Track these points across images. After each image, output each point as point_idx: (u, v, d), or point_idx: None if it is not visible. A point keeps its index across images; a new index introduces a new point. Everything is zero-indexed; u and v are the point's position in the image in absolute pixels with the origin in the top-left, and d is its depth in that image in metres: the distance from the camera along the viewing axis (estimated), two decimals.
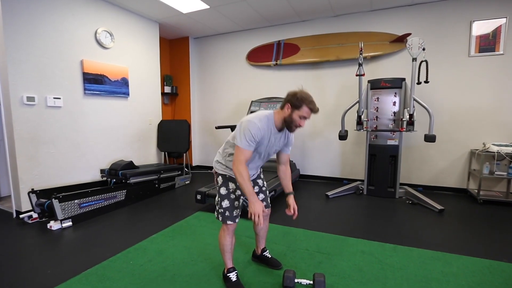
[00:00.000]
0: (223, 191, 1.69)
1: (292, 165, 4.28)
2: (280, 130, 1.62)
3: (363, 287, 1.78)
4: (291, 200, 1.77)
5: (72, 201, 2.79)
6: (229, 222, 1.66)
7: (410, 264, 2.05)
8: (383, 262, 2.08)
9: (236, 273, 1.75)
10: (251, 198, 1.48)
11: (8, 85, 2.80)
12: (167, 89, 5.33)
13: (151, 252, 2.24)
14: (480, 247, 2.31)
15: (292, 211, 1.74)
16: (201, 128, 5.63)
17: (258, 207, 1.45)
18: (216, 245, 2.35)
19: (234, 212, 1.68)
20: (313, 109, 1.54)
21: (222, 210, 1.67)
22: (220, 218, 1.68)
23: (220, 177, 1.73)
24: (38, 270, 2.00)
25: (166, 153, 4.88)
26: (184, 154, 4.85)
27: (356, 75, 3.41)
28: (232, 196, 1.69)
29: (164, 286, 1.78)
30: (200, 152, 5.70)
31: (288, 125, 1.57)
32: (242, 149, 1.50)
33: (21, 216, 2.89)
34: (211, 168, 5.56)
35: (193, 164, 5.60)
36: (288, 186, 1.82)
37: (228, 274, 1.74)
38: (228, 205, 1.67)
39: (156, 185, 3.83)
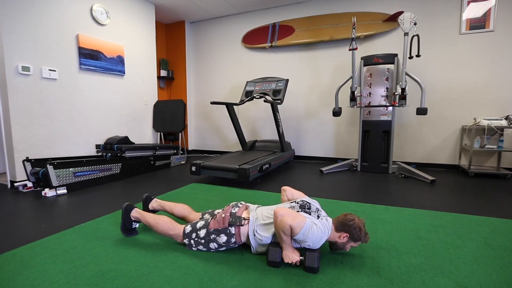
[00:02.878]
0: (223, 239, 1.53)
1: (287, 145, 4.31)
2: None
3: None
4: None
5: (67, 169, 2.80)
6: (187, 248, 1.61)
7: (401, 219, 2.09)
8: (374, 218, 2.11)
9: (139, 224, 1.84)
10: (288, 246, 1.41)
11: (3, 54, 2.81)
12: (163, 73, 5.35)
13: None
14: (470, 207, 2.36)
15: None
16: (197, 112, 5.65)
17: (295, 256, 1.40)
18: (209, 206, 2.41)
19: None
20: (367, 242, 1.50)
21: (199, 245, 1.58)
22: (193, 246, 1.59)
23: (233, 237, 1.54)
24: (32, 225, 2.01)
25: (161, 135, 4.89)
26: (180, 136, 4.86)
27: (350, 50, 3.45)
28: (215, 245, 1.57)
29: (157, 236, 1.79)
30: (196, 136, 5.71)
31: (335, 248, 1.53)
32: (306, 220, 1.39)
33: (15, 184, 2.89)
34: (208, 152, 5.63)
35: (189, 148, 5.61)
36: None
37: (134, 221, 1.80)
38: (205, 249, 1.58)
39: (152, 162, 3.84)
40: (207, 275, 1.34)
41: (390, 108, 3.64)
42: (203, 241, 1.56)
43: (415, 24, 3.27)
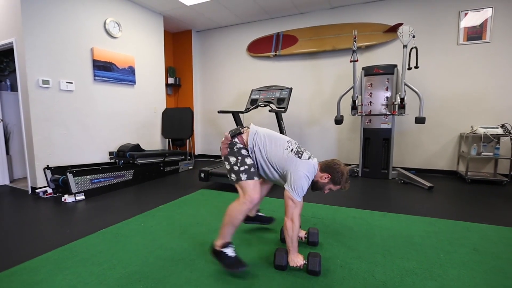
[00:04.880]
0: (244, 152, 1.62)
1: None
2: None
3: (352, 241, 1.97)
4: (300, 233, 1.91)
5: (85, 177, 2.99)
6: (256, 178, 1.58)
7: (397, 225, 2.24)
8: (372, 224, 2.27)
9: (233, 247, 1.58)
10: (294, 251, 1.56)
11: (25, 69, 3.01)
12: (171, 80, 5.54)
13: (159, 217, 2.44)
14: (463, 214, 2.51)
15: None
16: (203, 118, 5.84)
17: (300, 260, 1.54)
18: (219, 213, 2.56)
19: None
20: (346, 189, 1.65)
21: (246, 167, 1.57)
22: (245, 176, 1.55)
23: (240, 143, 1.63)
24: (57, 230, 2.20)
25: (170, 140, 5.08)
26: (188, 142, 5.05)
27: (351, 61, 3.61)
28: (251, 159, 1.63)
29: (173, 241, 1.97)
30: (203, 141, 5.90)
31: (315, 188, 1.67)
32: (299, 201, 1.53)
33: (37, 191, 3.09)
34: (214, 156, 5.82)
35: (196, 153, 5.80)
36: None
37: (223, 249, 1.55)
38: (251, 162, 1.61)
39: (161, 168, 4.03)
40: (221, 276, 1.52)
41: (390, 116, 3.79)
42: (235, 167, 1.58)
43: (413, 36, 3.42)
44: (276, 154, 1.60)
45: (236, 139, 1.64)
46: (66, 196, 2.91)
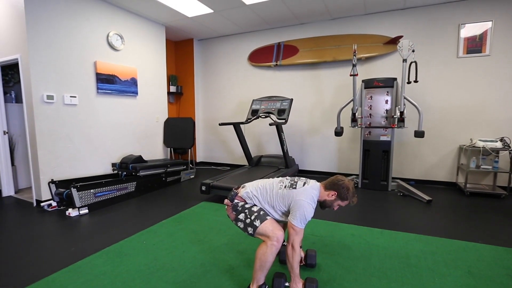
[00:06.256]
0: (248, 205, 1.69)
1: (291, 161, 4.52)
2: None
3: (350, 262, 2.02)
4: (302, 253, 1.94)
5: (88, 191, 3.05)
6: (268, 217, 1.62)
7: (394, 244, 2.28)
8: (370, 243, 2.32)
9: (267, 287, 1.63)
10: (296, 279, 1.58)
11: (30, 85, 3.07)
12: (173, 89, 5.60)
13: (161, 234, 2.49)
14: (460, 231, 2.54)
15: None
16: (205, 125, 5.89)
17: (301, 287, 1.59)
18: (220, 228, 2.61)
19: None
20: (354, 203, 1.68)
21: (256, 214, 1.62)
22: (258, 222, 1.57)
23: (248, 203, 1.71)
24: (63, 248, 2.26)
25: (171, 149, 5.14)
26: (189, 150, 5.10)
27: (350, 75, 3.65)
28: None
29: (175, 261, 2.03)
30: (204, 148, 5.96)
31: (324, 206, 1.70)
32: (301, 229, 1.56)
33: (41, 204, 3.15)
34: (215, 164, 5.89)
35: (197, 160, 5.86)
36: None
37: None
38: (258, 207, 1.68)
39: (163, 178, 4.09)
40: None
41: (390, 128, 3.82)
42: (247, 220, 1.63)
43: (413, 51, 3.45)
44: (275, 196, 1.67)
45: (236, 201, 1.72)
46: (70, 210, 2.97)
